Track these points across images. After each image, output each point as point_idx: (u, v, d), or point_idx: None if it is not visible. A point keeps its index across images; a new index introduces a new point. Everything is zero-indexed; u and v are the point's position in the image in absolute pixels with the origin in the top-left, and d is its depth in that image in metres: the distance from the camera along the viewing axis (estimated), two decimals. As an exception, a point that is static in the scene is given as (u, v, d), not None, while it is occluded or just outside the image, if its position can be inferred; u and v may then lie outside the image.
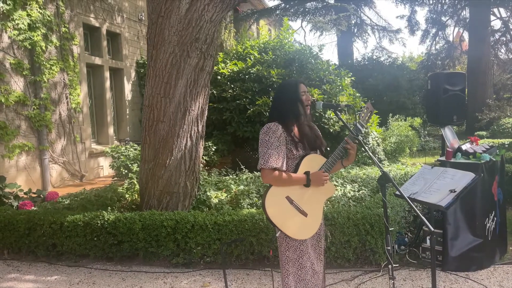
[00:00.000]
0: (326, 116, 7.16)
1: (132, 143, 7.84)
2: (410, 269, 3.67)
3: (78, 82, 7.99)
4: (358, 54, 38.87)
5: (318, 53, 8.62)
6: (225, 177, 5.70)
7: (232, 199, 4.68)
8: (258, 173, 5.61)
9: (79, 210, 4.52)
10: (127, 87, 9.75)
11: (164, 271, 3.85)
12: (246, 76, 7.66)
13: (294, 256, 2.26)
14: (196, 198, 4.63)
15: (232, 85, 7.64)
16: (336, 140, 7.06)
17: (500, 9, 17.30)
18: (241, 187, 4.89)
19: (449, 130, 4.09)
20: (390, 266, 2.25)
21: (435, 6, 17.73)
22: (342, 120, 2.32)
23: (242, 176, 5.68)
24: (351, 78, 8.65)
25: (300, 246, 2.26)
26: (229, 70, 7.88)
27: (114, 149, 7.04)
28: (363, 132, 2.53)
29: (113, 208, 4.58)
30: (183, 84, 4.29)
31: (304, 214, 2.21)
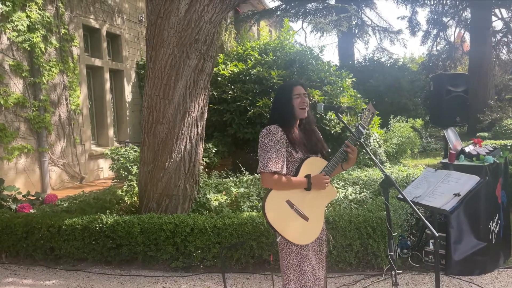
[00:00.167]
0: (327, 117, 7.12)
1: (132, 145, 7.81)
2: (413, 273, 3.62)
3: (78, 84, 7.95)
4: (359, 55, 38.97)
5: (319, 54, 8.58)
6: (225, 179, 5.65)
7: (232, 202, 4.64)
8: (259, 175, 5.56)
9: (77, 213, 4.47)
10: (127, 89, 9.72)
11: (163, 275, 3.81)
12: (247, 78, 7.62)
13: (295, 262, 2.22)
14: (195, 201, 4.58)
15: (232, 87, 7.60)
16: (337, 141, 7.01)
17: (502, 10, 17.28)
18: (242, 189, 4.84)
19: (452, 131, 4.03)
20: (393, 272, 2.20)
21: (436, 7, 17.69)
22: (344, 123, 2.28)
23: (242, 178, 5.64)
24: (352, 79, 8.61)
25: (301, 251, 2.22)
26: (230, 72, 7.85)
27: (114, 151, 6.99)
28: (364, 134, 2.48)
29: (112, 211, 4.53)
30: (183, 85, 4.24)
31: (305, 218, 2.16)
